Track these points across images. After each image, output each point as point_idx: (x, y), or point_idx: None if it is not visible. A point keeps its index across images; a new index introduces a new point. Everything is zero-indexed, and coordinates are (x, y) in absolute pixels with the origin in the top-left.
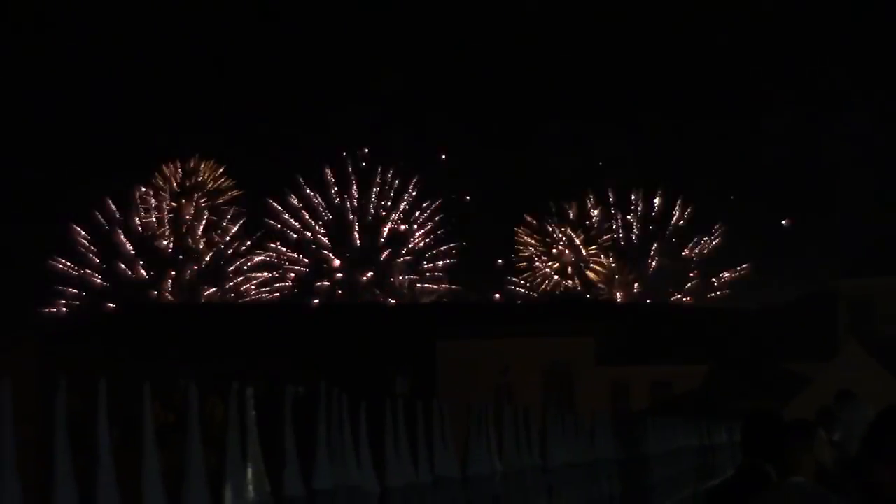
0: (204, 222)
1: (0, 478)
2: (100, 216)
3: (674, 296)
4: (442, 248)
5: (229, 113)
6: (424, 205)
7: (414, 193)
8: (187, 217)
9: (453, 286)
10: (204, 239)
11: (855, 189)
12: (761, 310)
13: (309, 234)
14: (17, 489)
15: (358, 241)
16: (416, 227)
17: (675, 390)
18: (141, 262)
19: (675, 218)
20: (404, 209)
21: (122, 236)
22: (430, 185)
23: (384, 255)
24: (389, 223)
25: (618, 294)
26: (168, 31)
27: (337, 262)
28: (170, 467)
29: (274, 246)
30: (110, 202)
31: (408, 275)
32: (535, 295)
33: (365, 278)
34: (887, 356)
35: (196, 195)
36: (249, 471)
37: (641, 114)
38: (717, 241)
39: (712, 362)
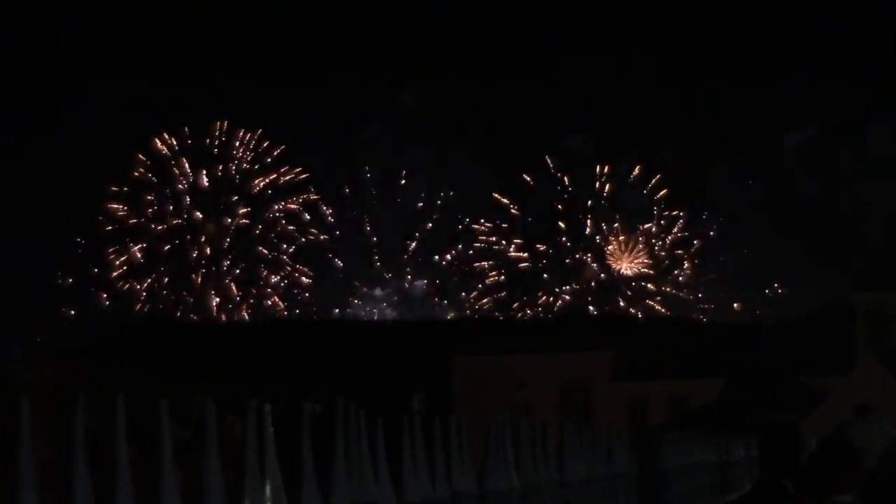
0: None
1: (20, 495)
2: (105, 221)
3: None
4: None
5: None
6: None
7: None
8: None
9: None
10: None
11: (873, 203)
12: (778, 324)
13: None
14: None
15: (377, 258)
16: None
17: (692, 405)
18: (157, 278)
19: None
20: (431, 227)
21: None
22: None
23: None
24: (414, 241)
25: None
26: (181, 44)
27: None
28: (187, 485)
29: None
30: (119, 206)
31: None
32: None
33: (385, 297)
34: None
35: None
36: (268, 487)
37: (660, 127)
38: (745, 252)
39: (729, 377)
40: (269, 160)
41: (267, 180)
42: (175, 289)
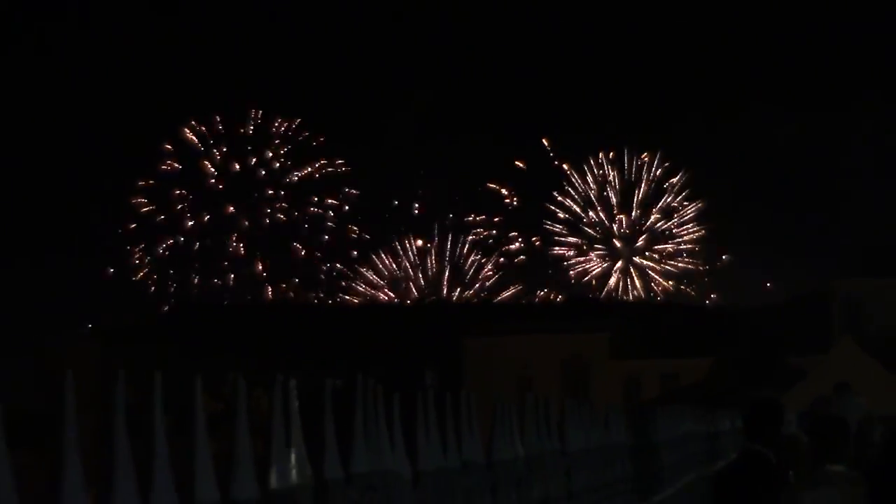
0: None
1: (65, 462)
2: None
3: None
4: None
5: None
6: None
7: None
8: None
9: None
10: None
11: (849, 196)
12: (761, 307)
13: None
14: (80, 472)
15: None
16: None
17: (682, 381)
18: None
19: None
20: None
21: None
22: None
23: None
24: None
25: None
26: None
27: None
28: (218, 453)
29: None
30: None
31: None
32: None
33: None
34: (877, 350)
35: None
36: (293, 456)
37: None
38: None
39: (717, 356)
40: (314, 143)
41: (302, 173)
42: (207, 278)
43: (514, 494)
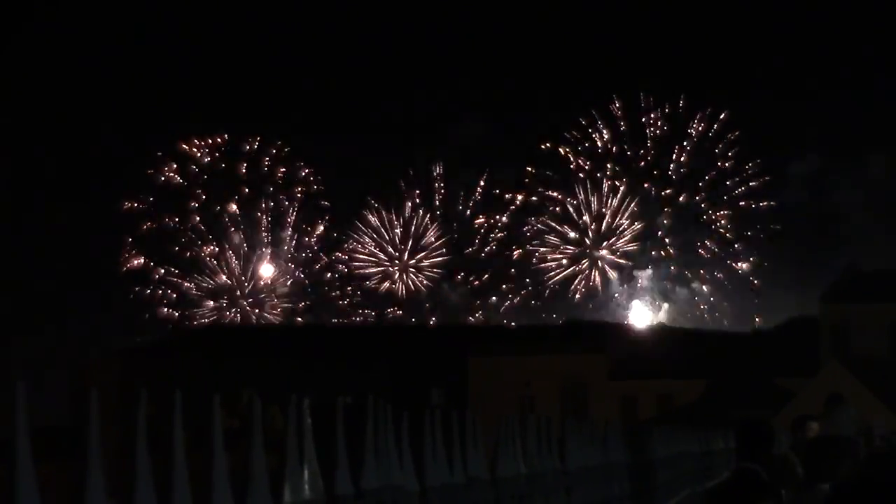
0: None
1: (89, 473)
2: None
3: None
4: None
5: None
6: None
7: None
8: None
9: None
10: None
11: (838, 224)
12: (753, 332)
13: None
14: (102, 484)
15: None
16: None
17: (677, 402)
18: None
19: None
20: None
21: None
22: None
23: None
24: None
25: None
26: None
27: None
28: (235, 467)
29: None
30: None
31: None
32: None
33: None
34: (863, 373)
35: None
36: (306, 472)
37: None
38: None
39: (710, 378)
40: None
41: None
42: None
43: None
